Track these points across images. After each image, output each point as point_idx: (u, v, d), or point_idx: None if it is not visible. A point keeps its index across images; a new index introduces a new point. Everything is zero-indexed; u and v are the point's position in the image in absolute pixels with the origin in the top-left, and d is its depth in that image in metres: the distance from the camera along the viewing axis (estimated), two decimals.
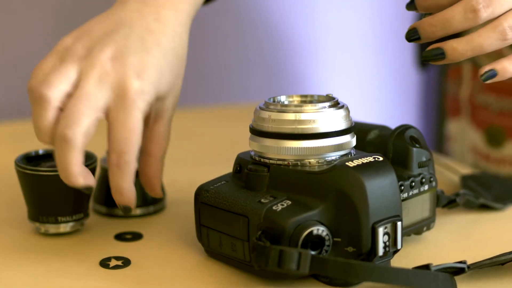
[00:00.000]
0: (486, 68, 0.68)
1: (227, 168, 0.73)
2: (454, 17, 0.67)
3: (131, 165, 0.68)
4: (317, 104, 0.67)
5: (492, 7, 0.66)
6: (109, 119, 0.68)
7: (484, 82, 0.68)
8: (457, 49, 0.67)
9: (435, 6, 0.69)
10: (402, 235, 0.66)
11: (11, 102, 1.39)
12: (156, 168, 0.74)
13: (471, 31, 0.68)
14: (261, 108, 0.69)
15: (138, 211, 0.82)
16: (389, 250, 0.65)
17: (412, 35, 0.69)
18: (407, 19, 1.74)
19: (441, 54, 0.68)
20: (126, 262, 0.70)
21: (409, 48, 1.73)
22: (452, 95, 1.12)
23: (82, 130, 0.67)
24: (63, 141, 0.67)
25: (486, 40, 0.67)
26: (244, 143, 0.71)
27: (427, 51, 0.68)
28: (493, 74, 0.68)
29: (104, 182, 0.82)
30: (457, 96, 1.10)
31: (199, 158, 1.02)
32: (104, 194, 0.82)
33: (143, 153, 0.73)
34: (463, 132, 1.07)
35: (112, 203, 0.81)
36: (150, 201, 0.82)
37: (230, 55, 1.52)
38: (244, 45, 1.53)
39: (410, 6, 0.72)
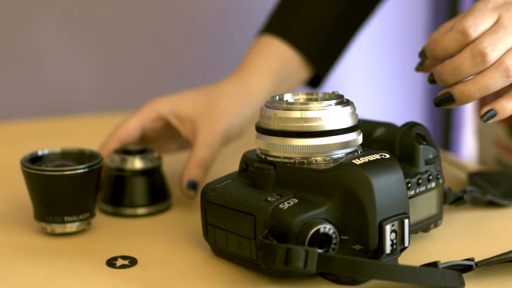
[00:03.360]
0: (486, 108, 0.70)
1: (233, 166, 0.73)
2: (463, 63, 0.69)
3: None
4: (323, 102, 0.67)
5: (498, 49, 0.69)
6: None
7: (485, 122, 0.70)
8: (464, 92, 0.69)
9: (443, 55, 0.71)
10: (410, 233, 0.65)
11: (17, 102, 1.39)
12: None
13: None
14: (267, 106, 0.68)
15: (143, 211, 0.82)
16: (396, 248, 0.65)
17: (430, 79, 0.72)
18: (412, 18, 1.74)
19: (451, 98, 0.70)
20: (132, 262, 0.70)
21: (415, 45, 1.73)
22: None
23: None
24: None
25: (491, 80, 0.68)
26: (250, 141, 0.71)
27: (438, 96, 0.70)
28: (493, 114, 0.70)
29: (111, 181, 0.82)
30: None
31: None
32: (111, 193, 0.82)
33: None
34: (488, 126, 1.07)
35: (118, 202, 0.82)
36: (156, 201, 0.82)
37: (236, 53, 1.51)
38: (249, 42, 1.53)
39: (422, 54, 0.74)
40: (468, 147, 1.84)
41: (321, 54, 0.96)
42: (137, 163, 0.82)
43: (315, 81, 1.00)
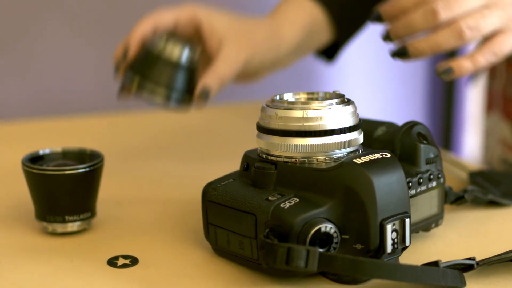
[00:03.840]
0: (444, 66, 0.74)
1: (235, 166, 0.73)
2: (415, 19, 0.74)
3: None
4: (324, 101, 0.67)
5: (451, 9, 0.73)
6: None
7: (442, 78, 0.75)
8: (417, 47, 0.74)
9: (400, 12, 0.75)
10: (411, 232, 0.65)
11: (18, 102, 1.39)
12: None
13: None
14: (267, 106, 0.68)
15: (164, 92, 0.82)
16: (397, 247, 0.65)
17: (385, 36, 0.78)
18: None
19: (405, 52, 0.75)
20: (134, 261, 0.70)
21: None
22: (489, 90, 1.12)
23: None
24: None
25: (443, 40, 0.73)
26: (251, 141, 0.71)
27: (395, 50, 0.76)
28: (448, 70, 0.74)
29: (149, 57, 0.83)
30: (491, 91, 1.11)
31: (206, 156, 1.02)
32: (143, 66, 0.83)
33: None
34: (495, 126, 1.07)
35: (146, 74, 0.82)
36: (180, 92, 0.83)
37: None
38: None
39: (376, 16, 0.79)
40: (469, 146, 1.84)
41: (345, 18, 0.99)
42: (179, 51, 0.83)
43: (331, 52, 1.02)
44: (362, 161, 0.65)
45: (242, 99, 1.42)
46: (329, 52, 1.02)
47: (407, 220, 0.65)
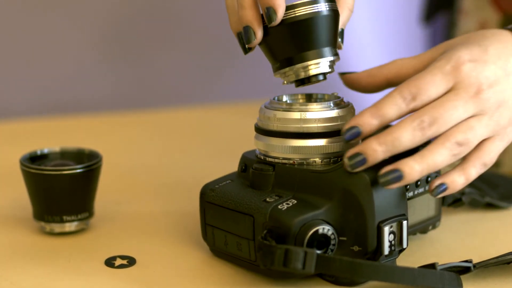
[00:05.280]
0: (436, 182, 0.66)
1: (233, 167, 0.73)
2: (403, 135, 0.63)
3: None
4: (322, 103, 0.67)
5: (436, 124, 0.64)
6: None
7: (433, 194, 0.66)
8: (415, 168, 0.63)
9: (384, 120, 0.65)
10: (408, 234, 0.65)
11: (16, 101, 1.39)
12: None
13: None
14: (266, 107, 0.68)
15: None
16: (394, 249, 0.65)
17: (357, 163, 0.63)
18: (412, 19, 1.74)
19: (399, 176, 0.63)
20: (131, 261, 0.70)
21: (413, 47, 1.73)
22: None
23: None
24: None
25: (438, 157, 0.64)
26: (250, 142, 0.71)
27: (384, 174, 0.63)
28: (443, 188, 0.66)
29: None
30: None
31: (204, 156, 1.02)
32: None
33: None
34: None
35: None
36: None
37: (236, 52, 1.51)
38: None
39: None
40: None
41: None
42: None
43: None
44: None
45: (240, 100, 1.42)
46: None
47: (405, 222, 0.65)
